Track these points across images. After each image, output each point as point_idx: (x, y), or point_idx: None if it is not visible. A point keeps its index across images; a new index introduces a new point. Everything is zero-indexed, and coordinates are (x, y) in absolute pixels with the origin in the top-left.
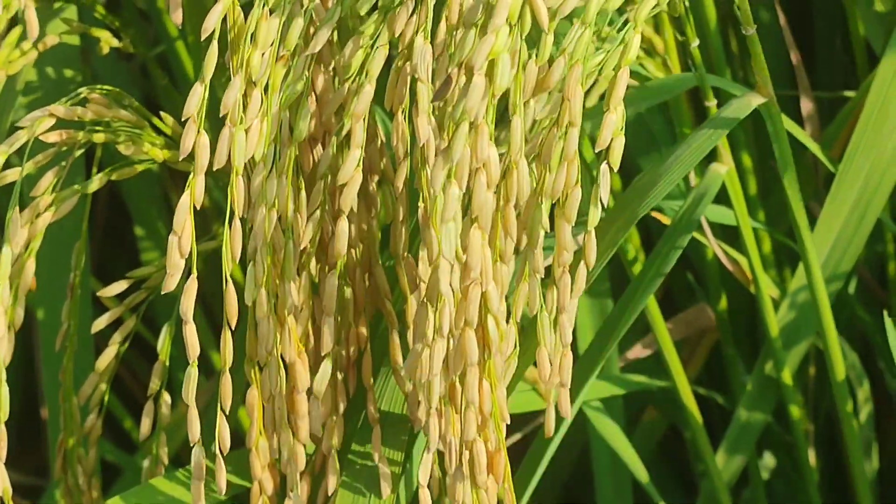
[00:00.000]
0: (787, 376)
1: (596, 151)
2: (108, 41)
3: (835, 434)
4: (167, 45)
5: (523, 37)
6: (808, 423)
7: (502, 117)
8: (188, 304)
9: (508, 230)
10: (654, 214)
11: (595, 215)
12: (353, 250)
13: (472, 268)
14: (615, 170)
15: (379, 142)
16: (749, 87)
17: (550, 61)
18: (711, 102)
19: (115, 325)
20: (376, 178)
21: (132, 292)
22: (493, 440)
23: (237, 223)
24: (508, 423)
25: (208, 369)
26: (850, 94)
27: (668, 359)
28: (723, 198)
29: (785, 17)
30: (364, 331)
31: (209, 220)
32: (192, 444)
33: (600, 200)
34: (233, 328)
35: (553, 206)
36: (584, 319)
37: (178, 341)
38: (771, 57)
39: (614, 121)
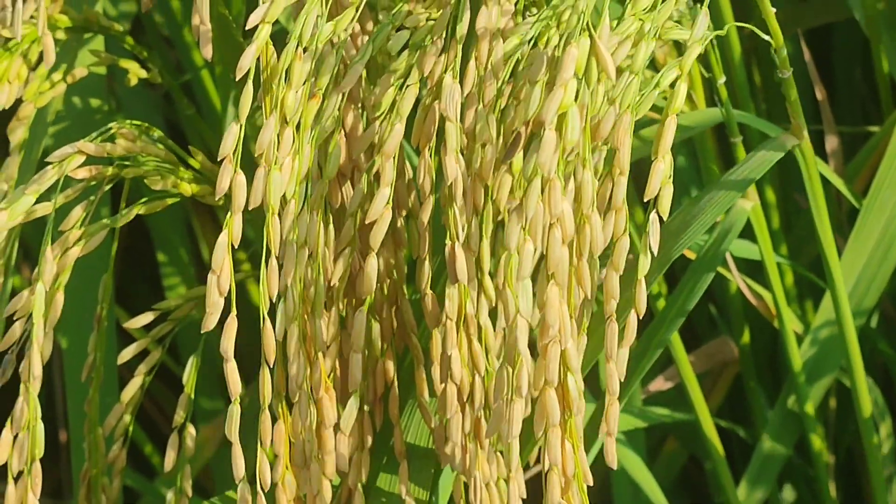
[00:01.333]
0: (809, 410)
1: (645, 200)
2: (136, 72)
3: (855, 467)
4: (192, 74)
5: (590, 89)
6: (829, 456)
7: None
8: (228, 343)
9: (583, 285)
10: None
11: (645, 264)
12: (380, 285)
13: (550, 325)
14: (665, 219)
15: (407, 178)
16: (771, 120)
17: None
18: (737, 138)
19: (138, 354)
20: (404, 213)
21: (157, 323)
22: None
23: (273, 262)
24: (591, 484)
25: (227, 397)
26: (873, 129)
27: (691, 392)
28: (746, 232)
29: (810, 53)
30: (391, 365)
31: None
32: (237, 481)
33: (650, 248)
34: (271, 366)
35: None
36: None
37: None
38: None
39: (663, 169)
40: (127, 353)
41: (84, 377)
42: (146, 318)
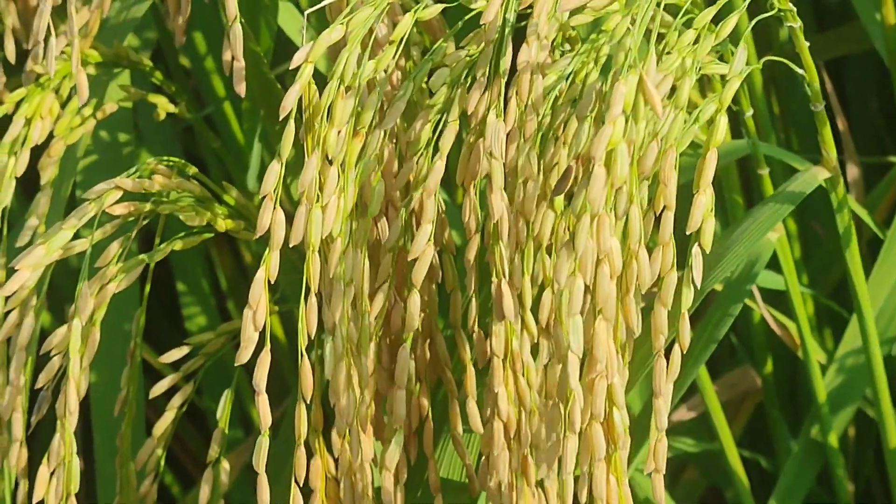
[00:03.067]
0: (833, 440)
1: (687, 233)
2: (164, 107)
3: (874, 496)
4: (214, 105)
5: (638, 125)
6: (849, 485)
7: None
8: (261, 377)
9: (629, 321)
10: None
11: (689, 297)
12: None
13: (598, 360)
14: (707, 252)
15: (441, 212)
16: (790, 149)
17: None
18: (764, 171)
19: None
20: (437, 248)
21: (186, 358)
22: None
23: (313, 300)
24: None
25: (247, 425)
26: (893, 159)
27: (716, 422)
28: (768, 261)
29: (831, 84)
30: (425, 400)
31: (251, 277)
32: None
33: (693, 282)
34: (308, 402)
35: None
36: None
37: (211, 392)
38: (812, 120)
39: (704, 203)
40: (158, 388)
41: (117, 412)
42: (178, 353)
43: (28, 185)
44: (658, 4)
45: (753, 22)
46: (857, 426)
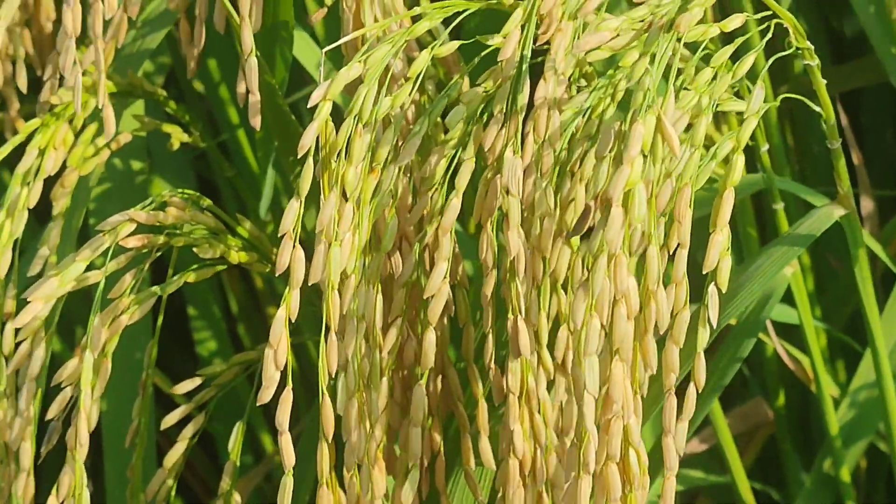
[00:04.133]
0: (845, 474)
1: (703, 272)
2: (178, 137)
3: None
4: (228, 133)
5: (656, 165)
6: None
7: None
8: (284, 416)
9: (648, 361)
10: None
11: (704, 336)
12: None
13: (614, 401)
14: (723, 291)
15: (454, 246)
16: (804, 181)
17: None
18: (779, 205)
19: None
20: (451, 282)
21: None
22: None
23: (333, 337)
24: None
25: (257, 451)
26: None
27: (728, 455)
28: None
29: (847, 117)
30: (437, 434)
31: (263, 302)
32: None
33: (708, 321)
34: (329, 441)
35: None
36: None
37: (222, 418)
38: (826, 153)
39: (721, 242)
40: (170, 419)
41: (128, 443)
42: (191, 384)
43: (41, 210)
44: (678, 40)
45: (771, 61)
46: (868, 459)
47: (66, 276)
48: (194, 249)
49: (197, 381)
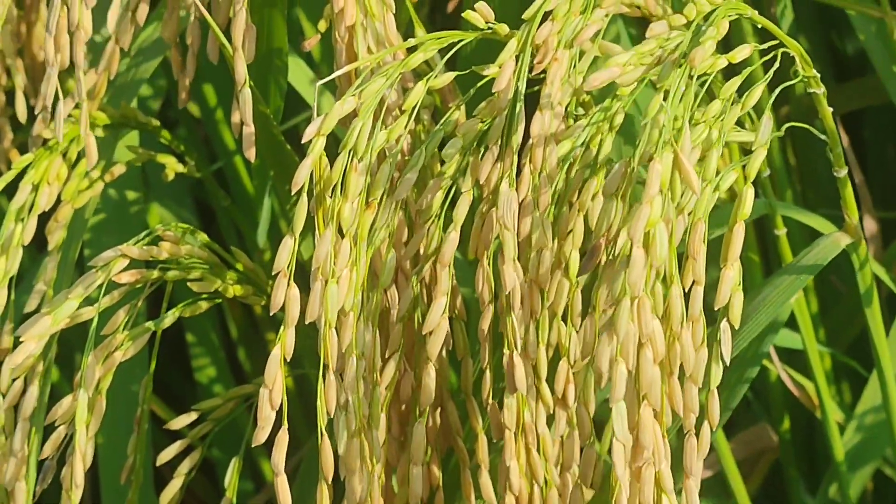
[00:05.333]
0: (851, 499)
1: (716, 308)
2: (172, 167)
3: None
4: (225, 157)
5: (675, 204)
6: None
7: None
8: (279, 457)
9: (674, 404)
10: None
11: (717, 374)
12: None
13: (644, 447)
14: (736, 328)
15: (452, 278)
16: (806, 201)
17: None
18: (781, 231)
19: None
20: (449, 315)
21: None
22: None
23: (331, 377)
24: None
25: (256, 478)
26: None
27: (732, 481)
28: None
29: (848, 138)
30: (436, 469)
31: (263, 328)
32: None
33: (721, 358)
34: (329, 482)
35: None
36: None
37: (222, 445)
38: (828, 174)
39: (732, 277)
40: (166, 455)
41: (124, 479)
42: (187, 418)
43: (42, 237)
44: (690, 77)
45: (777, 91)
46: (875, 484)
47: (58, 315)
48: (189, 284)
49: (193, 416)
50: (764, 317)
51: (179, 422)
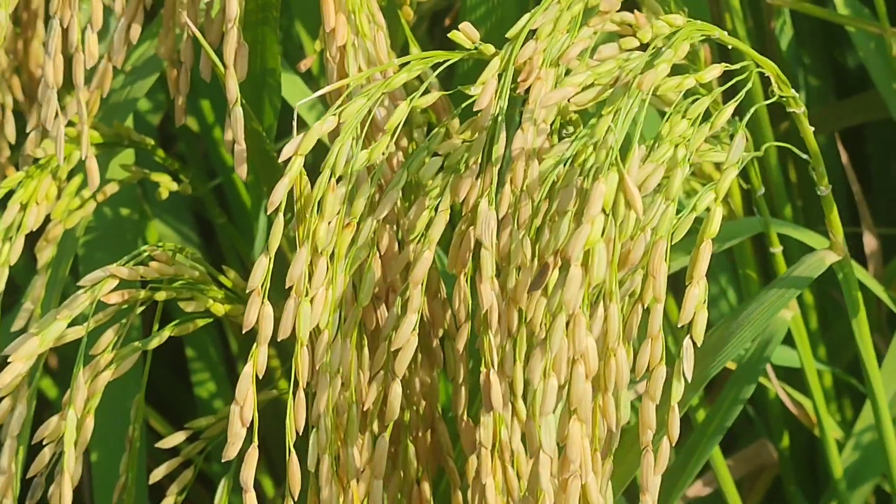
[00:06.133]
0: None
1: (679, 326)
2: (167, 185)
3: None
4: (223, 173)
5: (618, 224)
6: None
7: None
8: (248, 473)
9: (608, 420)
10: None
11: (678, 390)
12: (414, 407)
13: (571, 460)
14: (699, 345)
15: (442, 297)
16: (807, 217)
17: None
18: (777, 249)
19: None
20: (440, 332)
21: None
22: None
23: (301, 395)
24: None
25: (258, 495)
26: None
27: (729, 498)
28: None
29: (846, 155)
30: (427, 488)
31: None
32: None
33: (683, 375)
34: (295, 498)
35: None
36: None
37: (219, 457)
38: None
39: (697, 294)
40: (158, 473)
41: (115, 499)
42: (178, 437)
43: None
44: (643, 102)
45: (750, 113)
46: (876, 500)
47: (46, 336)
48: (178, 303)
49: (184, 436)
50: (751, 331)
51: (172, 440)
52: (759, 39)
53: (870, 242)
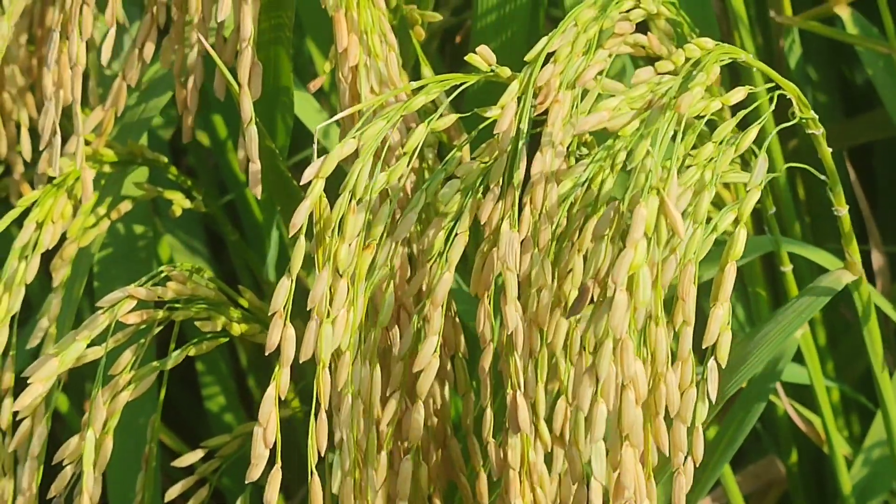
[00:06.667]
0: None
1: (703, 347)
2: (180, 203)
3: None
4: (235, 188)
5: (660, 247)
6: None
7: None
8: (272, 495)
9: (661, 444)
10: None
11: (703, 411)
12: (427, 425)
13: (625, 487)
14: (723, 366)
15: (454, 316)
16: (815, 234)
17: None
18: (787, 268)
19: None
20: (451, 353)
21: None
22: None
23: (323, 416)
24: None
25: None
26: None
27: None
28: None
29: (855, 173)
30: None
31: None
32: None
33: (707, 396)
34: None
35: None
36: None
37: (232, 474)
38: None
39: (721, 316)
40: (174, 492)
41: None
42: (194, 455)
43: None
44: (679, 121)
45: (774, 132)
46: None
47: (66, 357)
48: (195, 323)
49: (200, 454)
50: (765, 353)
51: (188, 459)
52: (767, 57)
53: (877, 260)
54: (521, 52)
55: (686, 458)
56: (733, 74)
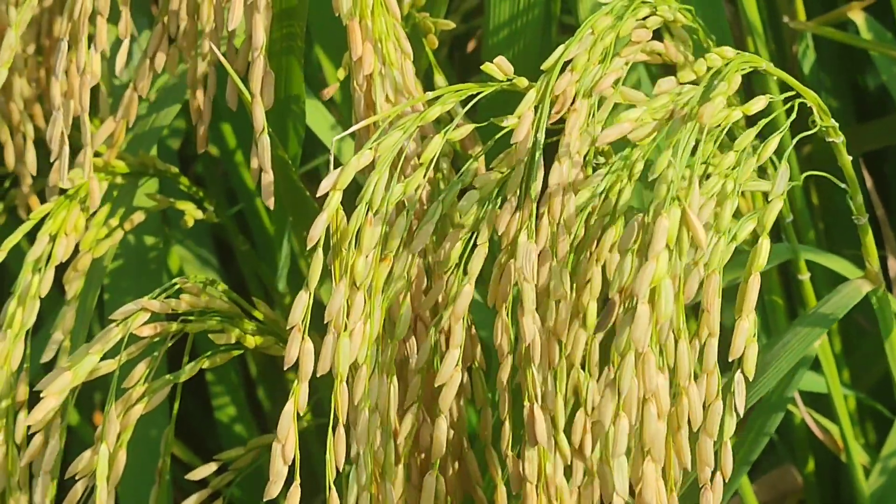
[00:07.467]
0: None
1: (729, 360)
2: (192, 213)
3: None
4: (245, 198)
5: (682, 259)
6: None
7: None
8: None
9: (682, 459)
10: None
11: (731, 425)
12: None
13: (647, 502)
14: (751, 379)
15: (470, 328)
16: (829, 240)
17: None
18: (805, 276)
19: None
20: (467, 364)
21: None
22: None
23: (341, 431)
24: None
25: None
26: None
27: None
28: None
29: (871, 179)
30: None
31: (282, 365)
32: None
33: (735, 410)
34: None
35: None
36: None
37: (244, 486)
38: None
39: (747, 328)
40: None
41: None
42: (208, 468)
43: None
44: (701, 131)
45: (795, 140)
46: None
47: (79, 371)
48: (209, 336)
49: (214, 467)
50: (785, 363)
51: (201, 472)
52: (780, 63)
53: (894, 266)
54: (533, 61)
55: (714, 473)
56: (745, 81)
